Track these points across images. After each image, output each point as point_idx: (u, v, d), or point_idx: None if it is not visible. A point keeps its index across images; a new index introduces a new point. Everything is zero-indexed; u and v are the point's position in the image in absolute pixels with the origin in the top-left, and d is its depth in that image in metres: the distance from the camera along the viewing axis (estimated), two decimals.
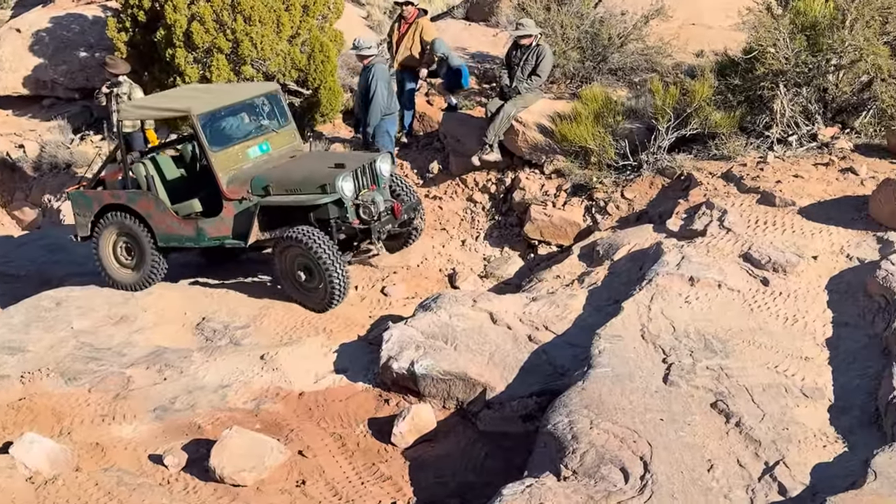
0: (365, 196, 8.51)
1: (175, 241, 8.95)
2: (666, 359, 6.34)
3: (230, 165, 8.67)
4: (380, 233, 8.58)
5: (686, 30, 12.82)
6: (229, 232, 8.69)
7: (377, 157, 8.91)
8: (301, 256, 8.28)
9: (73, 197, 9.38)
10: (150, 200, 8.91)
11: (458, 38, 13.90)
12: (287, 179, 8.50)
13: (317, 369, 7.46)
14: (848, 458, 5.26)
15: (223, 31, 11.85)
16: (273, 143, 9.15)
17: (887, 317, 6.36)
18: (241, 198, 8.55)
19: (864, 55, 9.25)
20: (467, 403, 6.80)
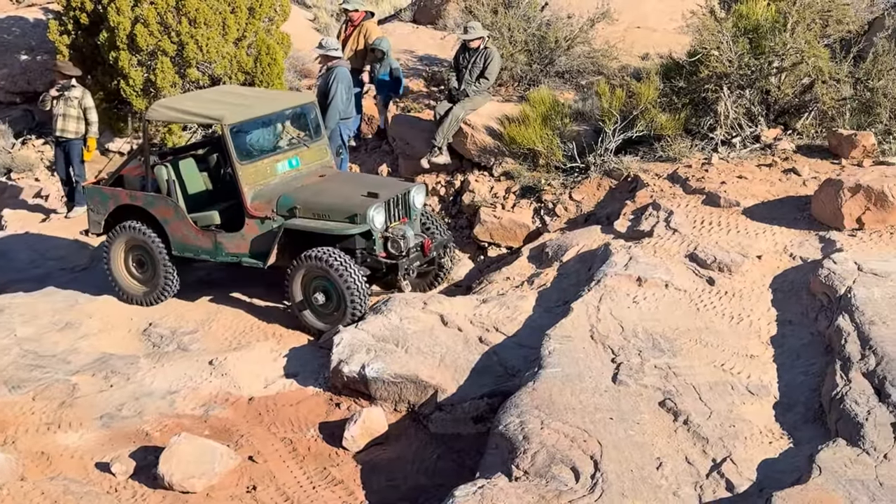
0: (395, 230, 8.11)
1: (191, 251, 8.49)
2: (615, 358, 6.40)
3: (257, 180, 8.25)
4: (407, 270, 8.17)
5: (631, 33, 12.96)
6: (248, 250, 8.27)
7: (412, 187, 8.49)
8: (322, 279, 7.87)
9: (89, 192, 8.98)
10: (168, 206, 8.46)
11: (405, 40, 13.91)
12: (316, 203, 8.08)
13: (267, 374, 7.40)
14: (793, 453, 5.35)
15: (168, 33, 11.72)
16: (303, 158, 8.71)
17: (830, 314, 6.49)
18: (265, 216, 8.13)
19: (806, 58, 9.43)
20: (419, 406, 6.80)
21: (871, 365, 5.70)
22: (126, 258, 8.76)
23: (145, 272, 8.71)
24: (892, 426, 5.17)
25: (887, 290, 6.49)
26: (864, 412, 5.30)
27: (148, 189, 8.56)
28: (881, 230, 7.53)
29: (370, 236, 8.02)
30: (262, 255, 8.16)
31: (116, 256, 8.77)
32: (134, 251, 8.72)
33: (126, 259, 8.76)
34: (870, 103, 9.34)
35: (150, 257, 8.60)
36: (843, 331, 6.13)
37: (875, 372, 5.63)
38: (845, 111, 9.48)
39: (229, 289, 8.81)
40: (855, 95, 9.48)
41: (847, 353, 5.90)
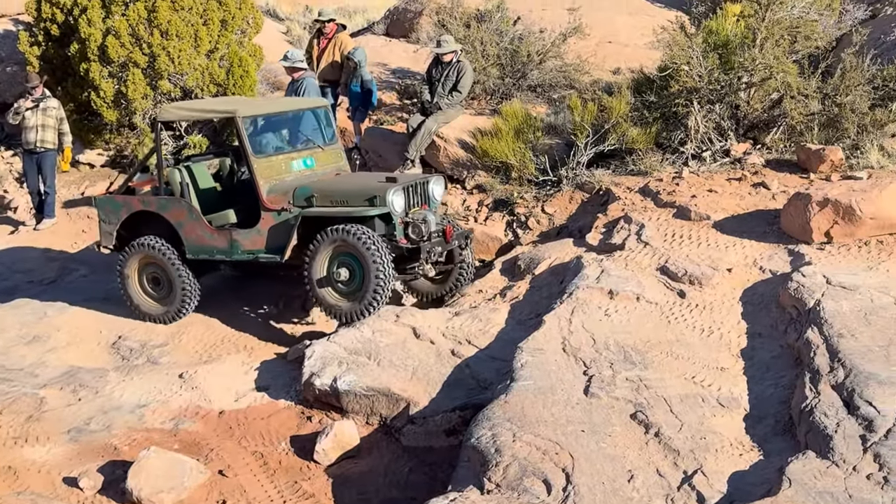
0: (416, 214, 7.96)
1: (206, 252, 8.35)
2: (587, 371, 6.41)
3: (272, 175, 8.16)
4: (429, 253, 7.98)
5: (603, 47, 13.06)
6: (266, 245, 8.10)
7: (430, 178, 8.34)
8: (347, 255, 7.68)
9: (100, 202, 8.78)
10: (182, 208, 8.34)
11: (378, 53, 13.92)
12: (333, 190, 7.96)
13: (237, 387, 7.35)
14: (763, 465, 5.38)
15: (139, 45, 11.66)
16: (318, 159, 8.63)
17: (799, 327, 6.54)
18: (282, 208, 8.00)
19: (774, 73, 9.53)
20: (391, 419, 6.77)
21: (839, 377, 5.75)
22: (140, 278, 8.61)
23: (161, 289, 8.55)
24: (861, 438, 5.20)
25: (855, 303, 6.55)
26: (833, 424, 5.34)
27: (161, 194, 8.44)
28: (849, 244, 7.61)
29: (390, 221, 7.84)
30: (278, 249, 8.00)
31: (131, 277, 8.59)
32: (148, 269, 8.56)
33: (140, 278, 8.60)
34: (837, 118, 9.45)
35: (165, 272, 8.44)
36: (812, 343, 6.18)
37: (844, 384, 5.67)
38: (814, 126, 9.59)
39: (201, 302, 8.74)
40: (823, 110, 9.59)
41: (816, 365, 5.94)
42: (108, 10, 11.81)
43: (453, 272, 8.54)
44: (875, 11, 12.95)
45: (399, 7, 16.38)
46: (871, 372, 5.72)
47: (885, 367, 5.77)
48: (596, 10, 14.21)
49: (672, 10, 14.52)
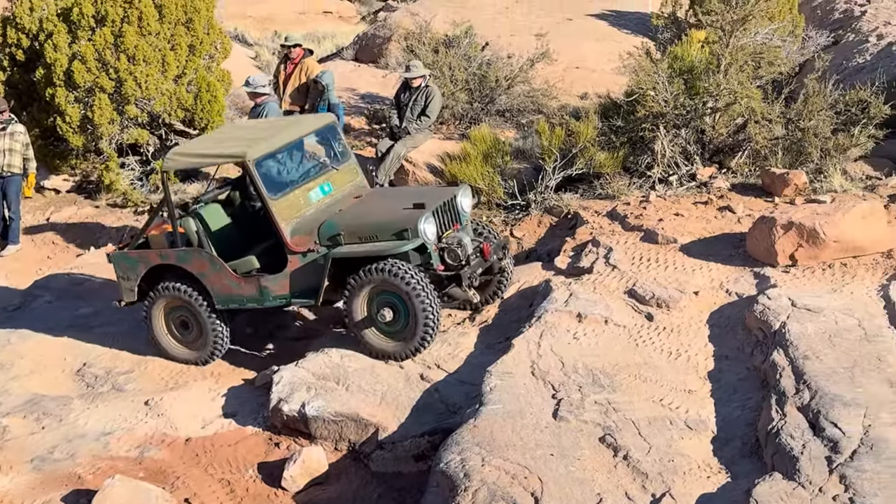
0: (450, 238, 7.51)
1: (236, 302, 7.84)
2: (555, 394, 6.42)
3: (292, 213, 7.62)
4: (471, 278, 7.53)
5: (570, 73, 13.17)
6: (297, 289, 7.60)
7: (457, 191, 7.85)
8: (388, 294, 7.22)
9: (116, 259, 8.22)
10: (203, 259, 7.82)
11: (347, 79, 13.96)
12: (360, 225, 7.44)
13: (204, 414, 7.28)
14: (731, 488, 5.40)
15: (106, 70, 11.60)
16: (335, 182, 8.10)
17: (765, 349, 6.59)
18: (308, 249, 7.49)
19: (739, 98, 9.64)
20: (359, 444, 6.74)
21: (805, 399, 5.80)
22: (168, 323, 8.16)
23: (190, 332, 8.10)
24: (827, 460, 5.25)
25: (820, 326, 6.61)
26: (799, 446, 5.38)
27: (178, 245, 7.93)
28: (813, 266, 7.69)
29: (424, 250, 7.40)
30: (311, 292, 7.54)
31: (158, 324, 8.14)
32: (175, 313, 8.11)
33: (168, 324, 8.16)
34: (801, 143, 9.57)
35: (193, 315, 7.99)
36: (778, 365, 6.23)
37: (809, 406, 5.72)
38: (778, 150, 9.70)
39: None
40: (787, 135, 9.71)
41: (782, 387, 5.99)
42: (74, 35, 11.75)
43: (493, 281, 8.11)
44: (837, 38, 13.18)
45: (368, 33, 16.46)
46: (836, 393, 5.78)
47: (850, 389, 5.83)
48: (563, 35, 14.36)
49: (638, 35, 14.67)
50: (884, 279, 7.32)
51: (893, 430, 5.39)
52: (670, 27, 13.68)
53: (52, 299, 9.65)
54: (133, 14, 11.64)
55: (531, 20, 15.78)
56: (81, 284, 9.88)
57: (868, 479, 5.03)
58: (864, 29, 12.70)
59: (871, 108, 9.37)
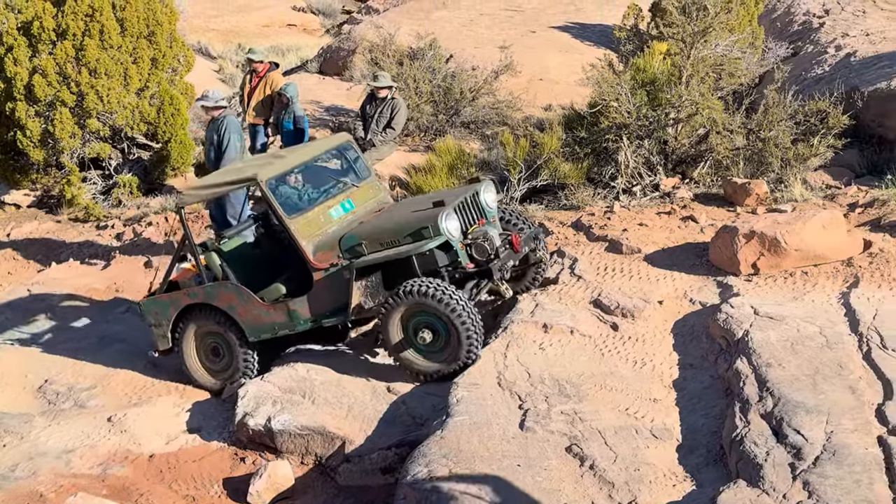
0: (475, 233, 7.27)
1: (267, 331, 7.62)
2: (522, 405, 6.42)
3: (313, 231, 7.43)
4: (502, 271, 7.26)
5: (534, 85, 13.26)
6: (327, 307, 7.35)
7: (479, 187, 7.67)
8: (422, 314, 6.92)
9: (146, 307, 8.05)
10: (230, 291, 7.66)
11: (312, 91, 13.95)
12: (380, 231, 7.24)
13: (168, 430, 7.21)
14: (696, 495, 5.43)
15: (67, 83, 11.51)
16: (356, 199, 7.91)
17: (728, 357, 6.64)
18: (331, 264, 7.28)
19: (700, 109, 9.75)
20: (326, 458, 6.70)
21: (768, 406, 5.85)
22: (199, 352, 8.00)
23: (221, 360, 7.92)
24: (791, 466, 5.29)
25: (782, 333, 6.68)
26: (762, 453, 5.42)
27: (205, 282, 7.80)
28: (775, 275, 7.77)
29: (450, 249, 7.16)
30: (340, 309, 7.28)
31: (189, 353, 8.00)
32: (206, 339, 7.95)
33: (199, 352, 8.00)
34: (762, 153, 9.69)
35: (224, 340, 7.83)
36: (742, 373, 6.28)
37: (773, 413, 5.77)
38: (739, 160, 9.82)
39: (130, 342, 8.58)
40: (748, 145, 9.83)
41: (745, 395, 6.03)
42: (34, 48, 11.65)
43: (528, 272, 7.94)
44: (796, 49, 13.37)
45: (332, 45, 16.48)
46: (798, 400, 5.83)
47: (813, 396, 5.88)
48: (527, 48, 14.47)
49: (601, 47, 14.81)
50: (844, 287, 7.41)
51: (855, 437, 5.45)
52: (632, 39, 13.82)
53: (11, 315, 9.53)
54: (94, 27, 11.57)
55: (495, 33, 15.88)
56: (43, 300, 9.76)
57: (831, 485, 5.07)
58: (822, 40, 12.90)
59: (830, 118, 9.51)
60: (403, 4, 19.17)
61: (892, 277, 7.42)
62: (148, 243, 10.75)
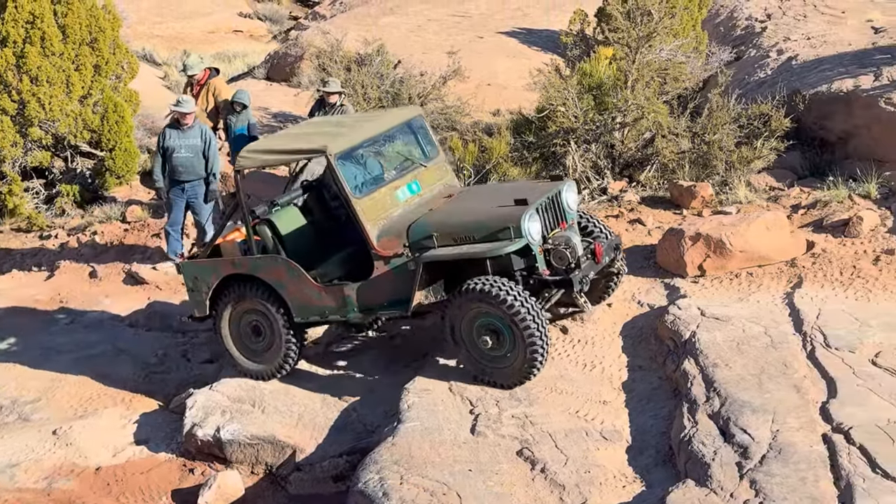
0: (557, 238, 6.69)
1: (315, 313, 7.12)
2: (473, 409, 6.43)
3: (379, 214, 6.91)
4: (583, 283, 6.69)
5: (482, 90, 13.31)
6: (385, 298, 6.86)
7: (561, 186, 7.02)
8: (486, 316, 6.45)
9: (186, 269, 7.54)
10: (280, 266, 7.10)
11: (259, 98, 13.84)
12: (455, 224, 6.68)
13: (115, 442, 7.12)
14: (646, 496, 5.48)
15: (7, 91, 11.29)
16: (423, 180, 7.35)
17: (676, 359, 6.70)
18: (396, 253, 6.77)
19: (646, 113, 9.86)
20: (277, 467, 6.67)
21: (715, 406, 5.92)
22: (237, 328, 7.44)
23: (262, 340, 7.37)
24: (738, 465, 5.36)
25: (728, 334, 6.76)
26: (710, 453, 5.49)
27: (253, 252, 7.26)
28: (721, 276, 7.87)
29: (528, 252, 6.62)
30: (400, 302, 6.78)
31: (225, 328, 7.46)
32: (246, 317, 7.39)
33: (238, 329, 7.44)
34: (707, 156, 9.81)
35: (267, 319, 7.28)
36: (689, 374, 6.35)
37: (720, 413, 5.84)
38: (685, 163, 9.93)
39: (75, 354, 8.43)
40: (693, 149, 9.94)
41: (693, 395, 6.10)
42: None
43: (600, 284, 7.32)
44: (739, 53, 13.56)
45: (279, 52, 16.40)
46: (745, 400, 5.91)
47: (759, 395, 5.97)
48: (475, 53, 14.52)
49: (548, 52, 14.91)
50: (788, 287, 7.53)
51: (800, 435, 5.54)
52: (579, 44, 13.91)
53: None
54: (35, 34, 11.36)
55: (443, 38, 15.92)
56: None
57: (777, 483, 5.15)
58: (764, 45, 13.10)
59: (773, 121, 9.66)
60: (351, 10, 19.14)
61: (834, 277, 7.56)
62: (92, 253, 10.60)
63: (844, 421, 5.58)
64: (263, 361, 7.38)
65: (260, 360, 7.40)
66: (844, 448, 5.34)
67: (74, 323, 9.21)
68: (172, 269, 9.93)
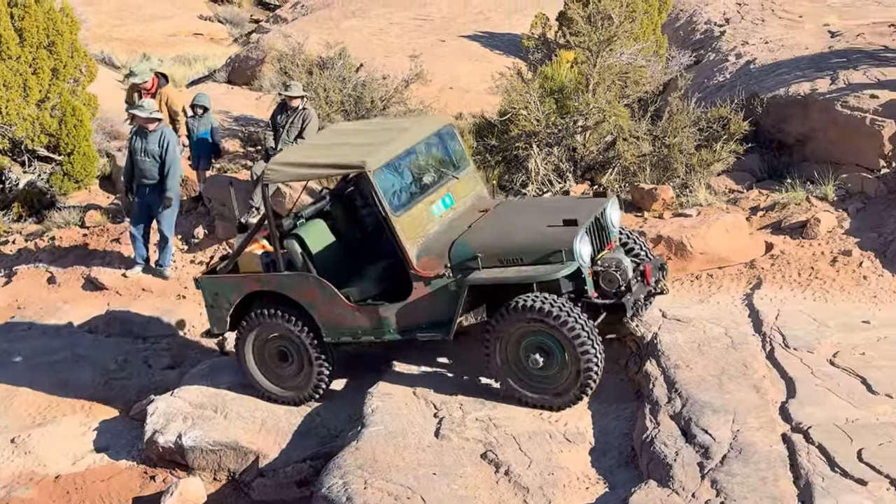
0: (606, 260, 6.45)
1: (348, 334, 6.79)
2: (437, 413, 6.44)
3: (417, 232, 6.58)
4: (636, 307, 6.56)
5: (445, 93, 13.30)
6: (424, 320, 6.53)
7: (606, 203, 6.76)
8: (536, 335, 6.18)
9: (205, 285, 7.16)
10: (311, 286, 6.73)
11: (220, 101, 13.73)
12: (502, 245, 6.38)
13: (75, 449, 7.06)
14: (609, 497, 5.52)
15: None
16: (456, 193, 7.07)
17: (638, 360, 6.76)
18: (437, 274, 6.43)
19: (607, 116, 9.91)
20: (240, 473, 6.64)
21: (677, 407, 5.97)
22: (261, 354, 7.07)
23: (290, 365, 7.04)
24: (699, 465, 5.41)
25: (689, 335, 6.83)
26: (672, 453, 5.53)
27: (280, 268, 6.87)
28: (682, 278, 7.94)
29: (578, 274, 6.33)
30: (441, 324, 6.47)
31: (248, 355, 7.08)
32: (271, 343, 7.05)
33: (261, 356, 7.08)
34: (667, 159, 9.88)
35: (293, 344, 6.94)
36: (651, 375, 6.40)
37: (681, 414, 5.90)
38: (646, 166, 9.99)
39: (33, 360, 8.32)
40: (654, 152, 10.01)
41: (655, 396, 6.15)
42: None
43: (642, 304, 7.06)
44: (699, 57, 13.68)
45: (240, 55, 16.28)
46: (706, 401, 5.97)
47: (719, 396, 6.03)
48: (437, 57, 14.51)
49: (510, 56, 14.93)
50: (748, 288, 7.62)
51: (760, 434, 5.60)
52: (540, 48, 13.96)
53: None
54: None
55: (405, 42, 15.90)
56: None
57: (738, 482, 5.21)
58: (723, 48, 13.23)
59: (732, 124, 9.75)
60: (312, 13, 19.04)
61: (792, 279, 7.66)
62: (51, 258, 10.46)
63: (803, 420, 5.66)
64: (293, 388, 7.08)
65: (289, 387, 7.09)
66: (804, 447, 5.41)
67: (32, 329, 9.09)
68: (139, 275, 9.87)
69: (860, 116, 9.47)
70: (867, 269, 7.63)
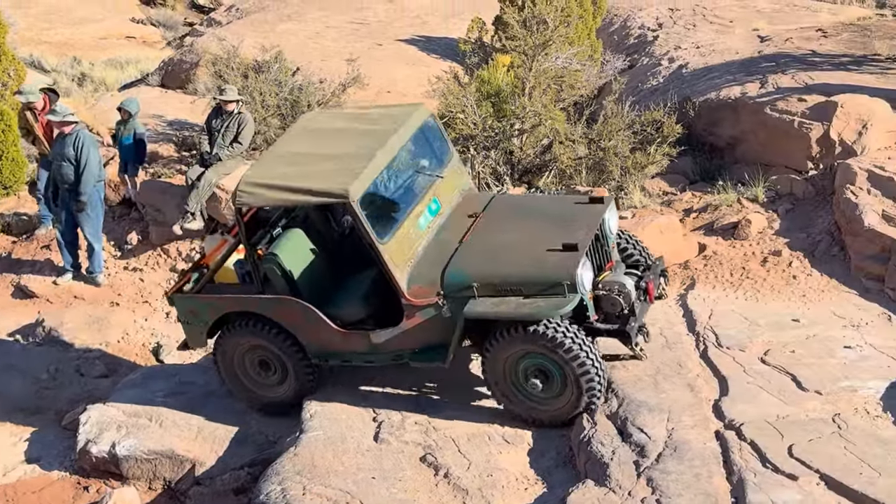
0: (608, 283, 6.15)
1: (336, 357, 6.49)
2: (376, 417, 6.42)
3: (406, 254, 6.15)
4: (641, 331, 6.32)
5: (382, 97, 13.30)
6: (417, 345, 6.23)
7: (604, 211, 6.41)
8: (536, 357, 5.92)
9: (179, 304, 6.80)
10: (295, 309, 6.36)
11: (153, 105, 13.55)
12: (499, 275, 5.98)
13: (5, 461, 6.91)
14: (547, 497, 5.56)
15: None
16: (441, 195, 6.59)
17: None
18: (430, 303, 6.07)
19: (543, 120, 10.00)
20: (176, 482, 6.55)
21: (614, 407, 6.04)
22: (242, 365, 6.81)
23: (273, 374, 6.76)
24: (635, 464, 5.48)
25: None
26: (609, 453, 5.60)
27: (257, 286, 6.47)
28: None
29: (580, 301, 6.01)
30: (436, 352, 6.18)
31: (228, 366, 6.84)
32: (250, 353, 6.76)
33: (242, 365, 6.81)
34: (603, 162, 10.00)
35: (275, 355, 6.64)
36: None
37: (618, 413, 5.97)
38: (582, 169, 10.10)
39: None
40: (589, 154, 10.12)
41: None
42: None
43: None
44: (633, 62, 13.88)
45: (174, 58, 16.07)
46: (641, 400, 6.05)
47: (655, 395, 6.11)
48: (375, 60, 14.50)
49: (447, 60, 14.99)
50: (682, 289, 7.74)
51: (694, 432, 5.70)
52: (477, 52, 14.04)
53: None
54: None
55: (342, 45, 15.85)
56: None
57: (673, 480, 5.29)
58: (656, 53, 13.45)
59: (665, 127, 9.91)
60: (247, 16, 18.88)
61: (725, 279, 7.80)
62: None
63: (736, 418, 5.77)
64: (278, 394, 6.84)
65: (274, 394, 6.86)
66: (736, 444, 5.52)
67: None
68: (70, 282, 9.69)
69: (789, 119, 9.69)
70: (796, 269, 7.80)
